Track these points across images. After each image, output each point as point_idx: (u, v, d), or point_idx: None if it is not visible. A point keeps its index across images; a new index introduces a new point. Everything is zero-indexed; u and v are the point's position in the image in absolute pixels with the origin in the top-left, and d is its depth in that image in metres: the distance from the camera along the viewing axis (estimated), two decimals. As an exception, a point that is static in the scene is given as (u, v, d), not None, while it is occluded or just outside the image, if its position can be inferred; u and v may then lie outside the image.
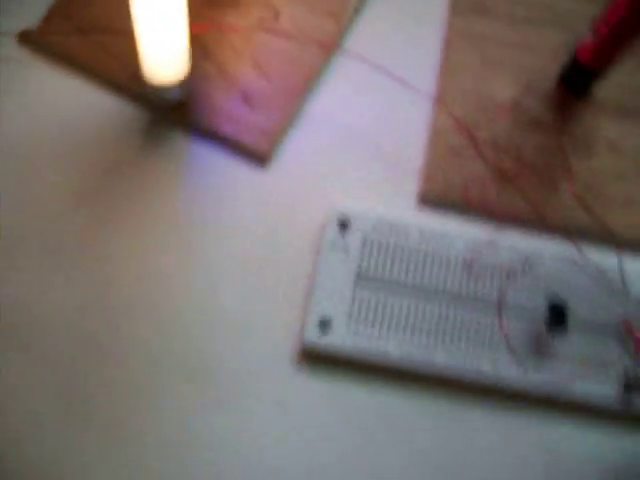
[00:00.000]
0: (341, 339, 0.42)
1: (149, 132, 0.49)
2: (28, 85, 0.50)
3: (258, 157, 0.48)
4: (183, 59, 0.45)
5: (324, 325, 0.42)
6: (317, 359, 0.43)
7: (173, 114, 0.49)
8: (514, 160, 0.47)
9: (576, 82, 0.49)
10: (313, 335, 0.42)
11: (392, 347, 0.42)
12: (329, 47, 0.50)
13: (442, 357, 0.42)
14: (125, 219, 0.46)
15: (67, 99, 0.50)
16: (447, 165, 0.47)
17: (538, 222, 0.45)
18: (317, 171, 0.48)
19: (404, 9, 0.53)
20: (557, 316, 0.42)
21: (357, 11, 0.52)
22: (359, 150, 0.49)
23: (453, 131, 0.48)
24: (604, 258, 0.44)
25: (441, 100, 0.49)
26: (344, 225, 0.45)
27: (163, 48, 0.44)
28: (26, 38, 0.51)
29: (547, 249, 0.44)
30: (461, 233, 0.45)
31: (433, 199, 0.46)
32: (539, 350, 0.42)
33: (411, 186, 0.47)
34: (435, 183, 0.46)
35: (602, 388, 0.41)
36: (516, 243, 0.44)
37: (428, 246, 0.44)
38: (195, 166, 0.48)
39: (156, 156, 0.48)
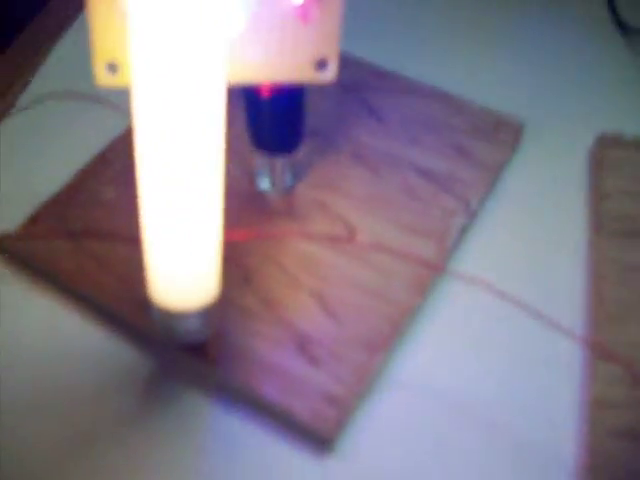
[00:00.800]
0: None
1: (154, 384, 0.33)
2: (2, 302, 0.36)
3: (317, 436, 0.31)
4: (211, 278, 0.30)
5: None
6: None
7: (190, 360, 0.33)
8: None
9: None
10: None
11: None
12: (425, 278, 0.35)
13: None
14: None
15: (47, 328, 0.35)
16: (620, 459, 0.29)
17: None
18: (404, 462, 0.31)
19: (528, 225, 0.39)
20: None
21: (465, 229, 0.38)
22: (471, 430, 0.32)
23: (625, 403, 0.31)
24: None
25: (604, 352, 0.32)
26: None
27: (182, 258, 0.29)
28: (3, 243, 0.37)
29: None
30: None
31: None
32: None
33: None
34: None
35: None
36: None
37: None
38: (219, 441, 0.32)
39: (163, 419, 0.32)
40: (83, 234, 0.36)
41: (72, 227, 0.37)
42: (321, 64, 0.29)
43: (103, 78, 0.28)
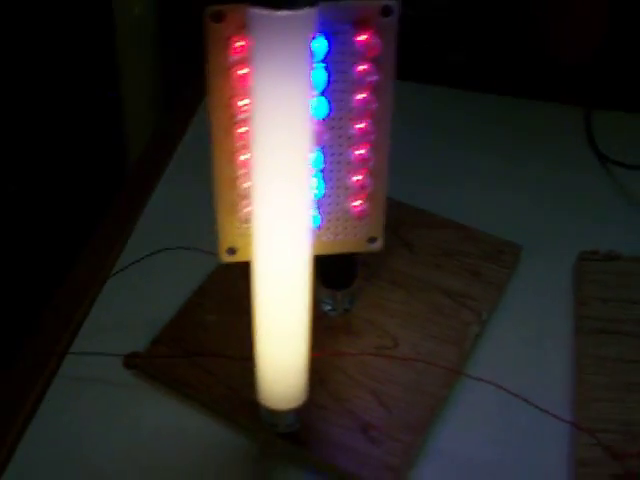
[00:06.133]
0: None
1: (258, 464, 0.48)
2: (129, 409, 0.51)
3: (380, 496, 0.46)
4: (302, 385, 0.46)
5: None
6: None
7: (283, 445, 0.48)
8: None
9: None
10: None
11: None
12: (452, 375, 0.51)
13: None
14: None
15: (169, 425, 0.50)
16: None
17: None
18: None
19: (527, 329, 0.54)
20: None
21: (478, 336, 0.54)
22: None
23: (600, 462, 0.46)
24: None
25: (584, 428, 0.48)
26: None
27: (283, 372, 0.45)
28: (132, 361, 0.53)
29: None
30: None
31: None
32: None
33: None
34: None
35: None
36: None
37: None
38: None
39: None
40: (196, 352, 0.52)
41: (186, 347, 0.53)
42: (372, 240, 0.46)
43: (224, 258, 0.45)
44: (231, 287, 0.56)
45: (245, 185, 0.42)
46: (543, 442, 0.49)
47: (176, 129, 0.71)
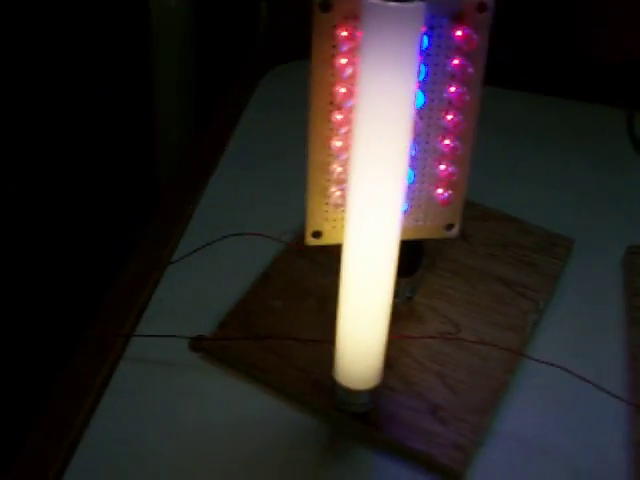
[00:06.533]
0: None
1: (329, 445, 0.50)
2: (196, 391, 0.52)
3: (450, 473, 0.48)
4: (379, 364, 0.48)
5: None
6: None
7: (355, 426, 0.50)
8: None
9: None
10: None
11: None
12: (514, 359, 0.53)
13: None
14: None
15: (238, 406, 0.51)
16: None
17: None
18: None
19: (582, 317, 0.57)
20: None
21: (536, 324, 0.56)
22: (555, 467, 0.49)
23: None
24: None
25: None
26: None
27: (362, 353, 0.47)
28: (199, 344, 0.54)
29: None
30: None
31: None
32: None
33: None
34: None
35: None
36: None
37: None
38: (380, 481, 0.49)
39: (337, 471, 0.49)
40: (262, 336, 0.54)
41: (253, 330, 0.55)
42: (449, 227, 0.48)
43: (310, 241, 0.47)
44: (295, 272, 0.57)
45: (337, 170, 0.44)
46: (604, 424, 0.51)
47: (231, 117, 0.73)
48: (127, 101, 1.01)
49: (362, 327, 0.45)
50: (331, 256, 0.45)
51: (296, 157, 0.47)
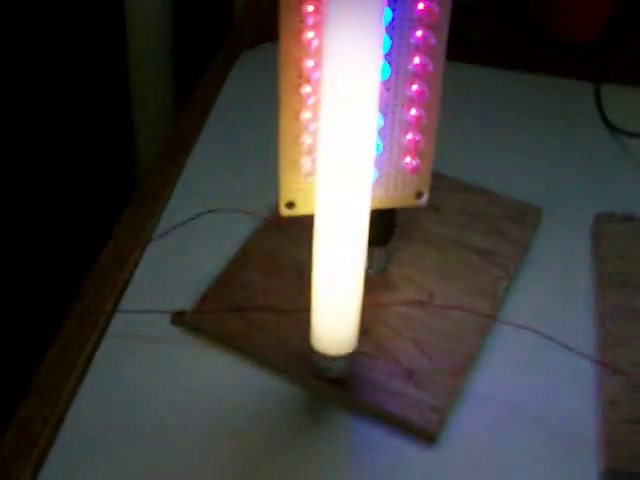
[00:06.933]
0: None
1: (308, 411, 0.51)
2: (179, 364, 0.54)
3: (427, 435, 0.50)
4: (355, 330, 0.50)
5: None
6: None
7: (333, 392, 0.52)
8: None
9: None
10: None
11: None
12: (485, 324, 0.55)
13: None
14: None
15: (220, 377, 0.53)
16: (629, 437, 0.49)
17: None
18: (486, 449, 0.50)
19: (552, 283, 0.59)
20: None
21: (507, 290, 0.58)
22: (527, 426, 0.51)
23: (628, 401, 0.51)
24: None
25: (610, 368, 0.52)
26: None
27: (338, 320, 0.48)
28: (180, 318, 0.56)
29: None
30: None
31: (620, 474, 0.48)
32: None
33: (589, 461, 0.49)
34: (620, 459, 0.48)
35: None
36: None
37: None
38: (358, 446, 0.50)
39: (316, 436, 0.50)
40: (242, 308, 0.56)
41: (232, 303, 0.56)
42: (419, 195, 0.50)
43: (284, 212, 0.48)
44: (273, 247, 0.59)
45: (307, 142, 0.45)
46: (574, 384, 0.53)
47: (208, 96, 0.74)
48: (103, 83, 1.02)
49: (336, 294, 0.47)
50: (309, 230, 0.47)
51: (273, 135, 0.48)
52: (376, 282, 0.57)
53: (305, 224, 0.47)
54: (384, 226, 0.55)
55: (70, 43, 1.04)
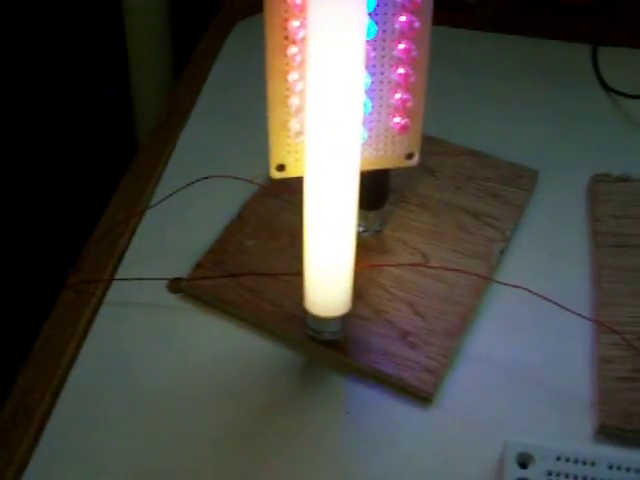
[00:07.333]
0: None
1: (304, 374, 0.52)
2: (177, 330, 0.54)
3: (421, 395, 0.50)
4: (347, 295, 0.50)
5: None
6: None
7: (328, 354, 0.52)
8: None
9: None
10: None
11: None
12: (480, 285, 0.55)
13: None
14: (283, 463, 0.48)
15: (217, 342, 0.53)
16: (622, 395, 0.49)
17: None
18: (481, 409, 0.50)
19: (547, 244, 0.59)
20: None
21: (503, 252, 0.58)
22: (523, 385, 0.51)
23: (622, 359, 0.51)
24: None
25: (605, 327, 0.52)
26: (523, 462, 0.46)
27: (332, 282, 0.49)
28: (176, 285, 0.56)
29: None
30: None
31: (613, 430, 0.48)
32: None
33: (584, 419, 0.49)
34: (613, 416, 0.48)
35: None
36: None
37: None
38: (354, 407, 0.51)
39: (313, 398, 0.51)
40: (238, 274, 0.56)
41: (228, 269, 0.56)
42: (409, 156, 0.50)
43: (275, 174, 0.48)
44: (267, 213, 0.59)
45: (296, 103, 0.45)
46: (569, 342, 0.53)
47: (203, 66, 0.74)
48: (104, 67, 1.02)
49: (328, 255, 0.47)
50: (302, 196, 0.47)
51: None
52: (371, 245, 0.57)
53: (300, 191, 0.47)
54: (378, 189, 0.55)
55: (70, 43, 1.04)
